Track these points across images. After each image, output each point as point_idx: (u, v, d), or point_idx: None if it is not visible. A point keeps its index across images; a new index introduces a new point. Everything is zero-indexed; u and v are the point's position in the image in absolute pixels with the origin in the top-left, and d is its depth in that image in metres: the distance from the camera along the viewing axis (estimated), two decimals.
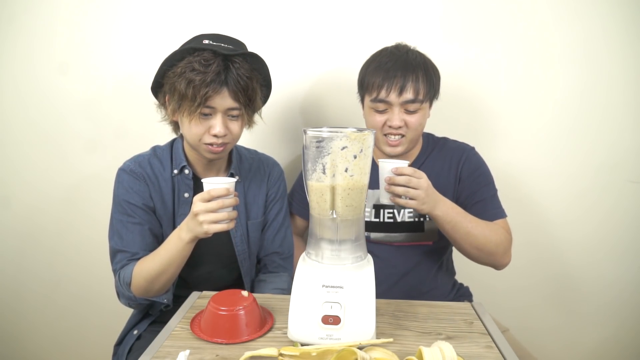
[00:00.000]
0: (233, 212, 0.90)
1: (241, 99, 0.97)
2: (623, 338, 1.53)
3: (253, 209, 1.17)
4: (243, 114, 1.01)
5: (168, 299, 1.05)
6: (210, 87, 0.93)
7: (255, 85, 1.00)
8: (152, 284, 0.97)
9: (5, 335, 1.64)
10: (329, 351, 0.71)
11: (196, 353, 0.77)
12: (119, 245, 1.01)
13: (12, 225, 1.55)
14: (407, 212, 1.17)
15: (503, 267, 1.12)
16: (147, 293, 0.99)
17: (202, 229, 0.87)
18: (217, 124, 0.97)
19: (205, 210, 0.87)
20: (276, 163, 1.24)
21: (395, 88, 1.07)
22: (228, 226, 0.89)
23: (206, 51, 0.96)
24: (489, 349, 0.79)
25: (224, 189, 0.88)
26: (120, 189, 1.04)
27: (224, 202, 0.87)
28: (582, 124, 1.41)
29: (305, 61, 1.41)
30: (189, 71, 0.94)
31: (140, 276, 0.97)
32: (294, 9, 1.38)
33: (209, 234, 0.89)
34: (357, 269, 0.79)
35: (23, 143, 1.49)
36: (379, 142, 1.14)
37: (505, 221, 1.14)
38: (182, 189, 1.08)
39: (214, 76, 0.93)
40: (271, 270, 1.18)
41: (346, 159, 0.75)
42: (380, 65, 1.11)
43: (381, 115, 1.11)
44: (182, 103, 0.97)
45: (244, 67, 0.97)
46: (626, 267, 1.49)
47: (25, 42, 1.43)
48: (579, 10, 1.34)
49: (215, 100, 0.96)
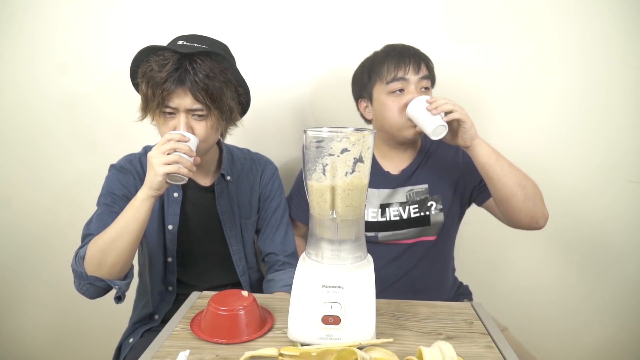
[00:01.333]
0: (186, 161, 0.88)
1: (201, 99, 0.95)
2: (623, 338, 1.53)
3: (246, 208, 1.17)
4: (209, 114, 0.97)
5: (121, 288, 0.94)
6: (166, 86, 0.93)
7: (220, 85, 0.97)
8: (105, 254, 0.90)
9: (5, 335, 1.64)
10: (329, 351, 0.71)
11: (196, 353, 0.77)
12: (90, 230, 0.98)
13: (12, 224, 1.55)
14: (412, 209, 1.18)
15: (545, 219, 1.08)
16: (100, 267, 0.91)
17: (154, 171, 0.86)
18: (180, 124, 0.96)
19: (158, 152, 0.87)
20: (269, 161, 1.24)
21: (413, 67, 1.08)
22: (179, 169, 0.86)
23: (166, 51, 0.96)
24: (489, 349, 0.79)
25: (178, 133, 0.90)
26: (107, 182, 1.06)
27: (177, 145, 0.88)
28: (581, 124, 1.41)
29: (305, 61, 1.41)
30: (149, 71, 0.95)
31: (95, 245, 0.91)
32: (294, 9, 1.38)
33: (159, 175, 0.85)
34: (357, 269, 0.79)
35: (23, 142, 1.49)
36: (402, 130, 1.11)
37: None
38: (171, 188, 1.09)
39: (168, 75, 0.93)
40: (277, 268, 1.18)
41: (347, 160, 0.75)
42: (387, 54, 1.12)
43: (399, 98, 1.09)
44: (148, 103, 0.98)
45: (205, 66, 0.95)
46: (626, 267, 1.49)
47: (25, 42, 1.43)
48: (579, 10, 1.34)
49: (174, 100, 0.95)
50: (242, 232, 1.17)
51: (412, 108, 1.05)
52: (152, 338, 0.82)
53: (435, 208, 1.18)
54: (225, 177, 1.14)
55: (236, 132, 1.14)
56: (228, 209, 1.14)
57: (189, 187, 1.11)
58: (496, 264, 1.51)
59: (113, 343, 1.14)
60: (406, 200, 1.18)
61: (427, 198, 1.18)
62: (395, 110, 1.09)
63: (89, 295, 0.96)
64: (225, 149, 1.17)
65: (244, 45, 1.36)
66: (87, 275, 0.92)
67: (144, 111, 1.01)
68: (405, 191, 1.18)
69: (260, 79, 1.40)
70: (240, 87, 1.05)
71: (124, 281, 0.95)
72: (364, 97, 1.18)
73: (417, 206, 1.18)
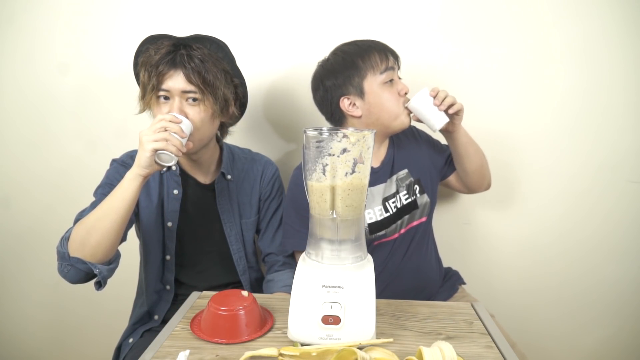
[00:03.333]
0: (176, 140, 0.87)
1: (194, 80, 0.96)
2: (624, 339, 1.53)
3: (246, 208, 1.17)
4: (204, 99, 0.98)
5: (102, 273, 0.90)
6: (160, 67, 0.95)
7: (214, 69, 0.99)
8: (89, 233, 0.87)
9: (5, 335, 1.64)
10: (329, 351, 0.71)
11: (196, 353, 0.77)
12: (82, 216, 0.95)
13: (12, 224, 1.55)
14: (403, 196, 1.19)
15: (489, 186, 1.28)
16: (83, 247, 0.88)
17: (142, 147, 0.86)
18: (173, 107, 0.97)
19: (148, 130, 0.87)
20: (270, 162, 1.24)
21: (393, 56, 1.11)
22: (166, 145, 0.86)
23: (163, 38, 1.00)
24: (489, 349, 0.79)
25: (170, 115, 0.91)
26: (107, 174, 1.08)
27: (168, 125, 0.89)
28: (582, 124, 1.40)
29: (305, 61, 1.41)
30: (146, 58, 0.98)
31: (79, 226, 0.89)
32: (294, 10, 1.38)
33: (146, 151, 0.85)
34: (357, 269, 0.79)
35: (23, 142, 1.49)
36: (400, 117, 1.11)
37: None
38: (170, 185, 1.09)
39: (164, 56, 0.96)
40: (277, 269, 1.18)
41: (346, 160, 0.75)
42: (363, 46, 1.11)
43: (392, 86, 1.11)
44: (145, 91, 0.99)
45: (200, 52, 0.98)
46: (627, 268, 1.48)
47: (25, 42, 1.43)
48: (579, 10, 1.34)
49: (167, 82, 0.97)
50: (243, 231, 1.17)
51: (417, 102, 1.08)
52: (152, 338, 0.82)
53: (419, 191, 1.21)
54: (225, 175, 1.14)
55: (237, 132, 1.15)
56: (228, 208, 1.14)
57: (189, 184, 1.11)
58: (496, 264, 1.51)
59: (113, 343, 1.14)
60: (397, 189, 1.19)
61: (411, 182, 1.20)
62: (394, 100, 1.10)
63: (70, 279, 0.92)
64: (226, 148, 1.17)
65: (245, 45, 1.36)
66: (69, 256, 0.89)
67: (142, 100, 1.02)
68: (393, 181, 1.19)
69: (260, 78, 1.40)
70: (236, 78, 1.06)
71: (107, 267, 0.91)
72: (349, 94, 1.11)
73: (406, 191, 1.19)
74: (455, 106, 1.07)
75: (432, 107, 1.07)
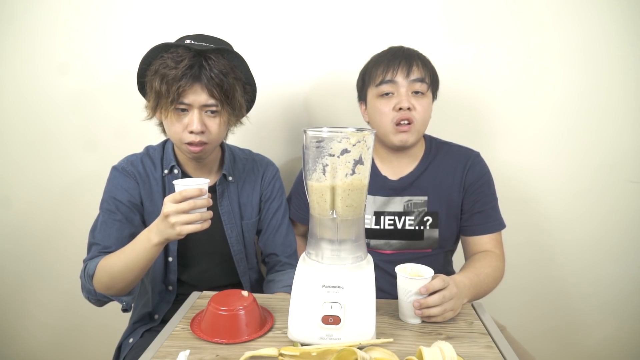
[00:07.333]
0: (207, 213, 0.86)
1: (216, 95, 0.96)
2: (623, 338, 1.53)
3: (247, 209, 1.17)
4: (222, 111, 0.99)
5: (127, 302, 1.00)
6: (182, 82, 0.94)
7: (233, 81, 0.99)
8: (114, 281, 0.93)
9: (5, 335, 1.64)
10: (329, 351, 0.71)
11: (196, 353, 0.77)
12: (95, 239, 1.01)
13: (12, 224, 1.55)
14: (407, 220, 1.14)
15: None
16: (108, 290, 0.95)
17: (175, 230, 0.84)
18: (193, 121, 0.97)
19: (177, 212, 0.83)
20: (270, 162, 1.24)
21: (402, 70, 1.06)
22: (202, 227, 0.86)
23: (180, 47, 0.97)
24: (489, 349, 0.79)
25: (196, 189, 0.84)
26: (109, 185, 1.06)
27: (196, 203, 0.84)
28: (581, 124, 1.41)
29: (305, 62, 1.41)
30: (162, 68, 0.95)
31: (104, 271, 0.94)
32: (295, 10, 1.38)
33: (181, 235, 0.85)
34: (357, 269, 0.79)
35: (23, 143, 1.49)
36: (388, 135, 1.08)
37: (501, 234, 1.14)
38: (172, 189, 1.09)
39: (186, 71, 0.94)
40: (278, 269, 1.18)
41: (346, 161, 0.75)
42: (381, 57, 1.11)
43: (388, 100, 1.07)
44: (159, 101, 0.97)
45: (219, 63, 0.97)
46: (626, 267, 1.48)
47: (25, 42, 1.43)
48: (579, 11, 1.34)
49: (189, 96, 0.96)
50: (244, 232, 1.16)
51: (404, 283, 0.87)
52: (152, 338, 0.83)
53: (430, 224, 1.14)
54: (227, 177, 1.14)
55: (237, 132, 1.14)
56: (229, 210, 1.14)
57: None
58: None
59: (113, 343, 1.14)
60: (403, 210, 1.14)
61: (424, 212, 1.13)
62: (385, 114, 1.07)
63: (96, 305, 1.02)
64: (227, 150, 1.17)
65: (245, 45, 1.36)
66: (95, 291, 0.96)
67: (154, 109, 1.00)
68: (404, 201, 1.14)
69: (260, 78, 1.39)
70: (248, 84, 1.07)
71: (130, 296, 1.00)
72: (362, 100, 1.17)
73: (413, 218, 1.14)
74: (436, 318, 0.86)
75: (412, 299, 0.86)
